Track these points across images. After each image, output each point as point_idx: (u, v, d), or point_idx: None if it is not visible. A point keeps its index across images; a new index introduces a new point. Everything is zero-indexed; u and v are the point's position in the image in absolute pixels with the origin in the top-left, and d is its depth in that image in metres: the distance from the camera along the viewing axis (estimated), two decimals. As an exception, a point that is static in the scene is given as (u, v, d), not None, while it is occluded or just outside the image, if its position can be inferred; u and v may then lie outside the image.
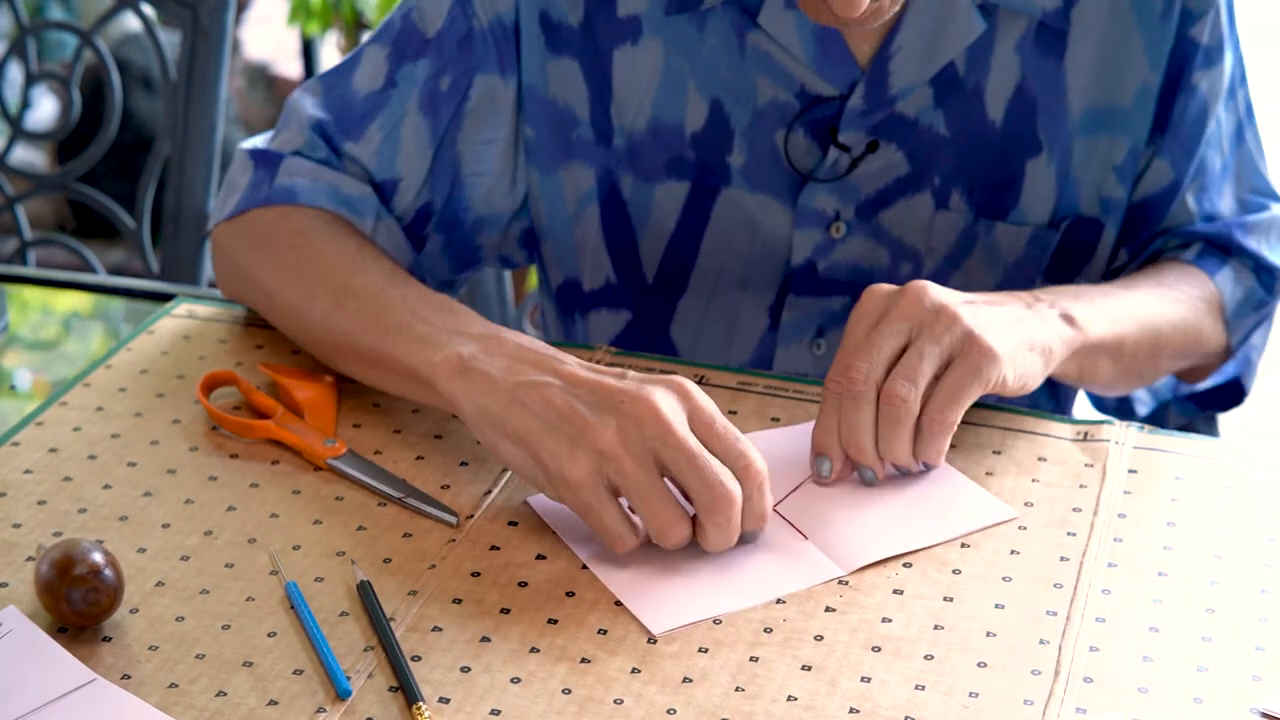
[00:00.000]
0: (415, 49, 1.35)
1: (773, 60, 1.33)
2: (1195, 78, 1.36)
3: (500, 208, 1.40)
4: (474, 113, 1.35)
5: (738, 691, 1.00)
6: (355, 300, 1.23)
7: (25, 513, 1.14)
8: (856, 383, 1.13)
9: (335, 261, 1.27)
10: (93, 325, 1.53)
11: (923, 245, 1.39)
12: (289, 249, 1.30)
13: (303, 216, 1.31)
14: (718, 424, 1.08)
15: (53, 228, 3.34)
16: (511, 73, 1.35)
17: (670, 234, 1.40)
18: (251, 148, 1.37)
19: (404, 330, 1.18)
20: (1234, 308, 1.41)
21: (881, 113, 1.34)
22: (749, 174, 1.36)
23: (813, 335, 1.42)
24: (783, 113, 1.34)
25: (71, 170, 1.88)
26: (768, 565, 1.09)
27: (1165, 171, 1.39)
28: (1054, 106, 1.35)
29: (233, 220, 1.34)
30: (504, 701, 0.99)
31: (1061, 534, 1.13)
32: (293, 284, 1.28)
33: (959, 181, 1.37)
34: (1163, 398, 1.49)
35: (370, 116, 1.35)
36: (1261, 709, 0.99)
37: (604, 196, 1.39)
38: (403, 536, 1.12)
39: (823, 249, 1.38)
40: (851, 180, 1.36)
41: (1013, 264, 1.40)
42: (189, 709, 0.98)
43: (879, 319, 1.16)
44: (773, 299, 1.41)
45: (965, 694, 1.00)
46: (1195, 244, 1.42)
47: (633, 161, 1.37)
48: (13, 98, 1.89)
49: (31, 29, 1.87)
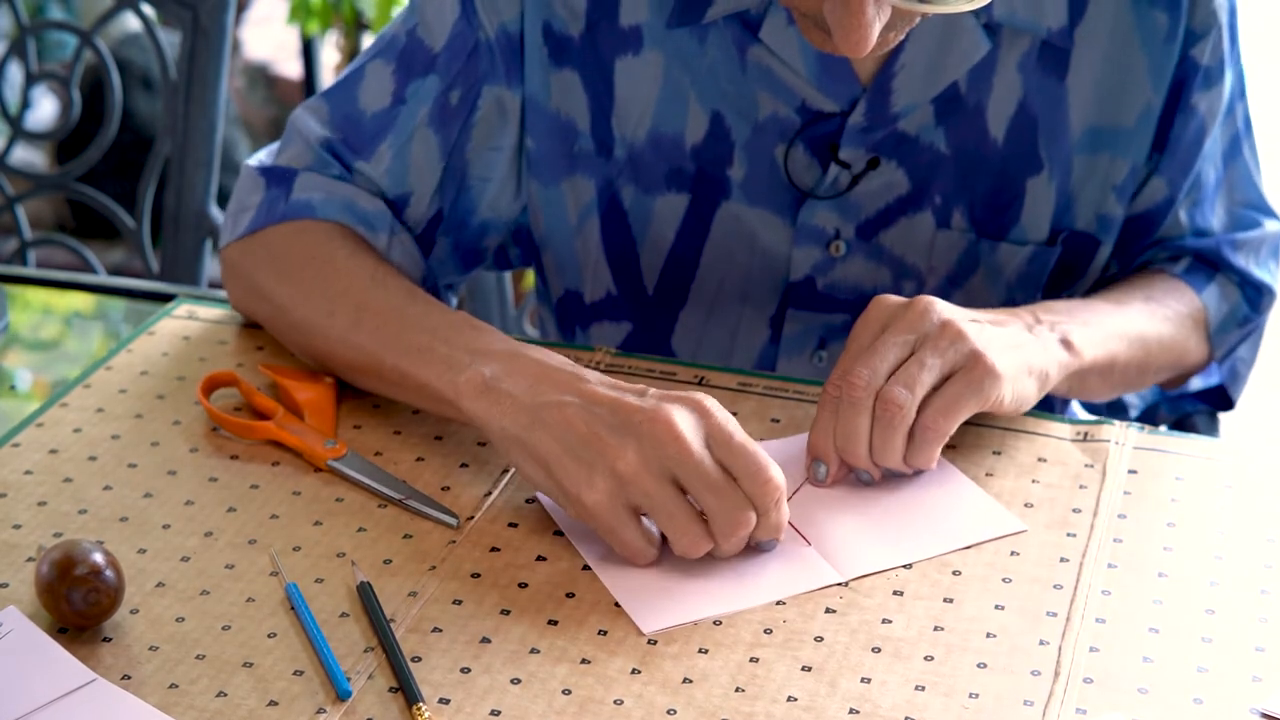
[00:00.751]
0: (423, 65, 1.34)
1: (774, 75, 1.32)
2: (1195, 99, 1.35)
3: (506, 212, 1.40)
4: (482, 122, 1.35)
5: (738, 692, 1.00)
6: (374, 319, 1.23)
7: (26, 513, 1.14)
8: (856, 389, 1.14)
9: (353, 279, 1.26)
10: (93, 326, 1.53)
11: (924, 264, 1.38)
12: (305, 265, 1.29)
13: (319, 231, 1.31)
14: (735, 440, 1.08)
15: (53, 228, 3.34)
16: (518, 82, 1.34)
17: (670, 246, 1.39)
18: (260, 165, 1.36)
19: (425, 350, 1.18)
20: (1218, 324, 1.42)
21: (883, 130, 1.33)
22: (748, 188, 1.36)
23: (814, 347, 1.42)
24: (783, 128, 1.34)
25: (71, 170, 1.88)
26: (768, 569, 1.09)
27: (1161, 188, 1.39)
28: (1056, 125, 1.34)
29: (247, 239, 1.33)
30: (504, 702, 0.99)
31: (1061, 535, 1.13)
32: (310, 302, 1.27)
33: (960, 200, 1.36)
34: (1151, 401, 1.50)
35: (380, 135, 1.34)
36: (1261, 709, 0.99)
37: (604, 208, 1.39)
38: (403, 538, 1.13)
39: (822, 267, 1.38)
40: (852, 198, 1.35)
41: (1015, 282, 1.39)
42: (189, 709, 0.98)
43: (884, 328, 1.16)
44: (774, 311, 1.41)
45: (965, 695, 1.00)
46: (1184, 258, 1.43)
47: (633, 172, 1.37)
48: (13, 98, 1.89)
49: (31, 29, 1.87)
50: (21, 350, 1.45)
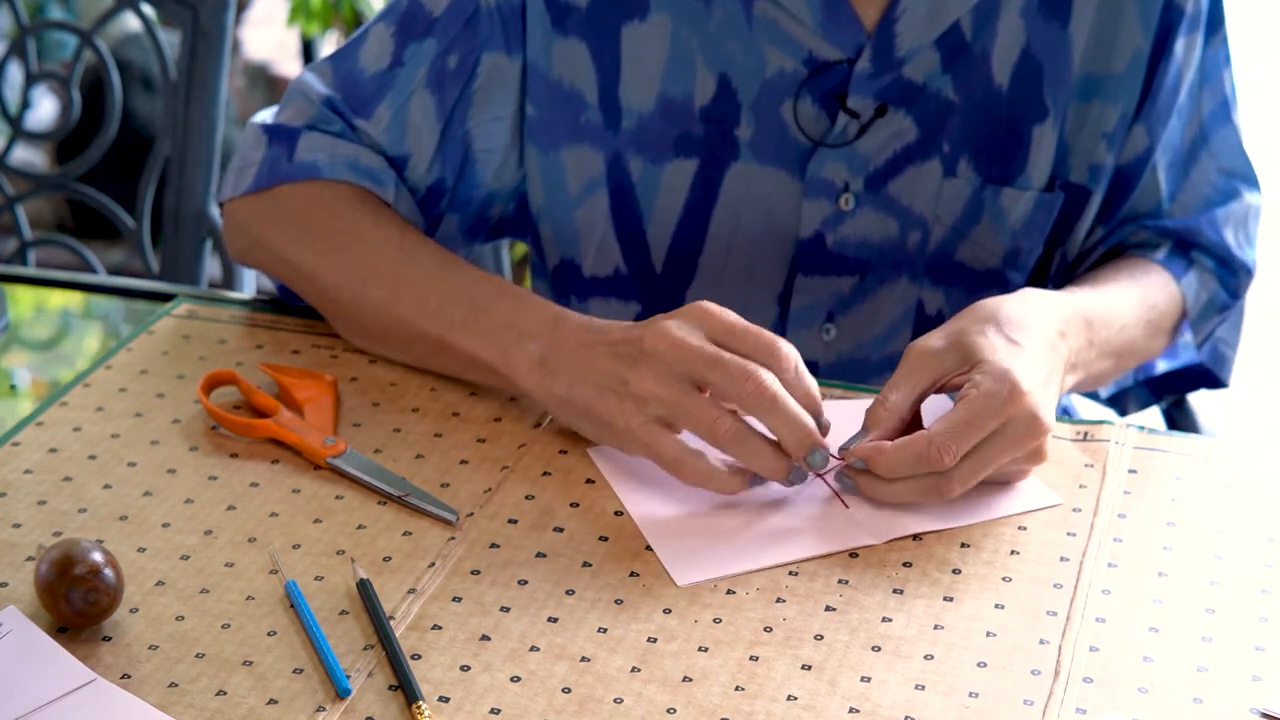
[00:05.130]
0: (421, 28, 1.36)
1: (780, 28, 1.33)
2: (1176, 45, 1.37)
3: (510, 181, 1.42)
4: (482, 90, 1.37)
5: (738, 691, 1.00)
6: (412, 292, 1.27)
7: (25, 513, 1.14)
8: (944, 461, 1.11)
9: (384, 250, 1.30)
10: (93, 325, 1.53)
11: (930, 215, 1.39)
12: (332, 234, 1.32)
13: (332, 194, 1.34)
14: (737, 328, 1.14)
15: (53, 228, 3.34)
16: (518, 50, 1.36)
17: (678, 217, 1.40)
18: (264, 123, 1.38)
19: (470, 325, 1.24)
20: (1197, 312, 1.44)
21: (889, 76, 1.34)
22: (757, 146, 1.37)
23: (822, 320, 1.42)
24: (791, 82, 1.35)
25: (71, 170, 1.88)
26: (802, 527, 1.12)
27: (1141, 138, 1.40)
28: (1061, 72, 1.35)
29: (253, 196, 1.36)
30: (504, 700, 0.99)
31: (1061, 534, 1.13)
32: (340, 271, 1.31)
33: (967, 148, 1.38)
34: (1123, 384, 1.51)
35: (379, 96, 1.36)
36: (1261, 709, 0.99)
37: (612, 183, 1.40)
38: (402, 535, 1.12)
39: (831, 221, 1.39)
40: (860, 149, 1.36)
41: (1020, 230, 1.40)
42: (189, 708, 0.98)
43: (969, 400, 1.13)
44: (781, 286, 1.42)
45: (965, 694, 1.00)
46: (1165, 244, 1.43)
47: (641, 142, 1.38)
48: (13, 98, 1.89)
49: (31, 29, 1.87)
50: (21, 350, 1.45)
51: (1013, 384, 1.12)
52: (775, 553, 1.10)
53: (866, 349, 1.44)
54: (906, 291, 1.43)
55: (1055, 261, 1.45)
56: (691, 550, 1.11)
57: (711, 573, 1.09)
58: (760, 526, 1.13)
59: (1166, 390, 1.52)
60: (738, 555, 1.10)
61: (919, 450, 1.11)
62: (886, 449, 1.12)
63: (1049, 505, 1.15)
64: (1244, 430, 2.76)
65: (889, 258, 1.41)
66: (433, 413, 1.25)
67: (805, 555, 1.10)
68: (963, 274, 1.43)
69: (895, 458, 1.11)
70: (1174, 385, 1.52)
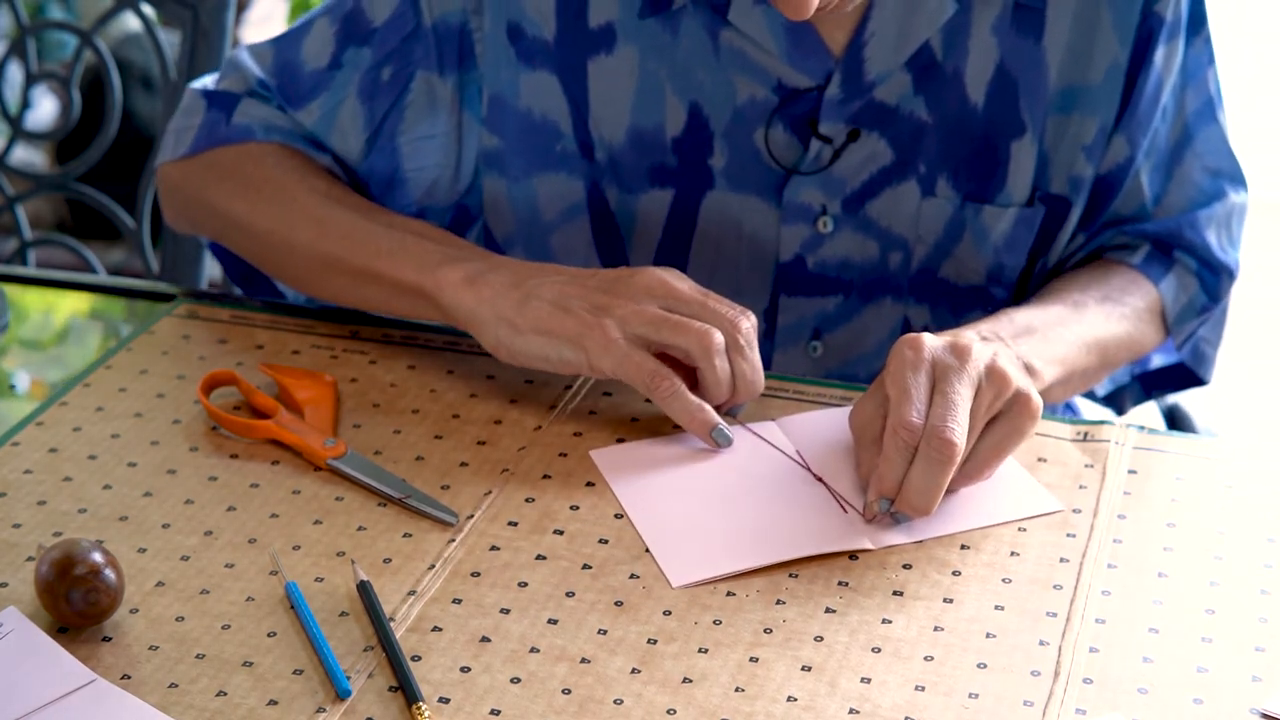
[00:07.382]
0: (361, 34, 1.37)
1: (747, 57, 1.33)
2: (1156, 55, 1.36)
3: (444, 199, 1.42)
4: (413, 105, 1.37)
5: (738, 692, 1.00)
6: (338, 228, 1.30)
7: (25, 513, 1.14)
8: (952, 444, 1.11)
9: (310, 196, 1.33)
10: (92, 325, 1.53)
11: (911, 235, 1.39)
12: (262, 184, 1.35)
13: (265, 153, 1.37)
14: (701, 291, 1.21)
15: (53, 228, 3.34)
16: (451, 71, 1.37)
17: (658, 243, 1.40)
18: (203, 89, 1.41)
19: (397, 252, 1.26)
20: (1176, 314, 1.43)
21: (859, 100, 1.34)
22: (731, 175, 1.37)
23: (809, 338, 1.42)
24: (761, 110, 1.34)
25: (71, 170, 1.88)
26: (799, 526, 1.12)
27: (1123, 147, 1.39)
28: (1037, 87, 1.35)
29: (188, 159, 1.39)
30: (504, 701, 0.99)
31: (1061, 535, 1.13)
32: (269, 218, 1.34)
33: (945, 167, 1.37)
34: (1120, 381, 1.50)
35: (314, 93, 1.39)
36: (1261, 709, 0.99)
37: (593, 210, 1.39)
38: (403, 536, 1.12)
39: (810, 244, 1.38)
40: (836, 173, 1.36)
41: (1002, 246, 1.40)
42: (189, 709, 0.98)
43: (929, 373, 1.14)
44: (766, 303, 1.41)
45: (965, 695, 1.00)
46: (1142, 247, 1.43)
47: (615, 174, 1.38)
48: (13, 98, 1.88)
49: (31, 29, 1.87)
50: (21, 350, 1.45)
51: (902, 340, 1.15)
52: (772, 555, 1.10)
53: (855, 365, 1.44)
54: (892, 309, 1.42)
55: (1037, 271, 1.44)
56: (688, 552, 1.10)
57: (707, 573, 1.08)
58: (759, 529, 1.13)
59: (1154, 387, 1.52)
60: (734, 557, 1.10)
61: (890, 437, 1.12)
62: (882, 472, 1.12)
63: (1049, 512, 1.15)
64: (1244, 430, 2.76)
65: (871, 277, 1.40)
66: (433, 414, 1.25)
67: (800, 554, 1.10)
68: (947, 291, 1.42)
69: (892, 462, 1.12)
70: (1161, 383, 1.51)
